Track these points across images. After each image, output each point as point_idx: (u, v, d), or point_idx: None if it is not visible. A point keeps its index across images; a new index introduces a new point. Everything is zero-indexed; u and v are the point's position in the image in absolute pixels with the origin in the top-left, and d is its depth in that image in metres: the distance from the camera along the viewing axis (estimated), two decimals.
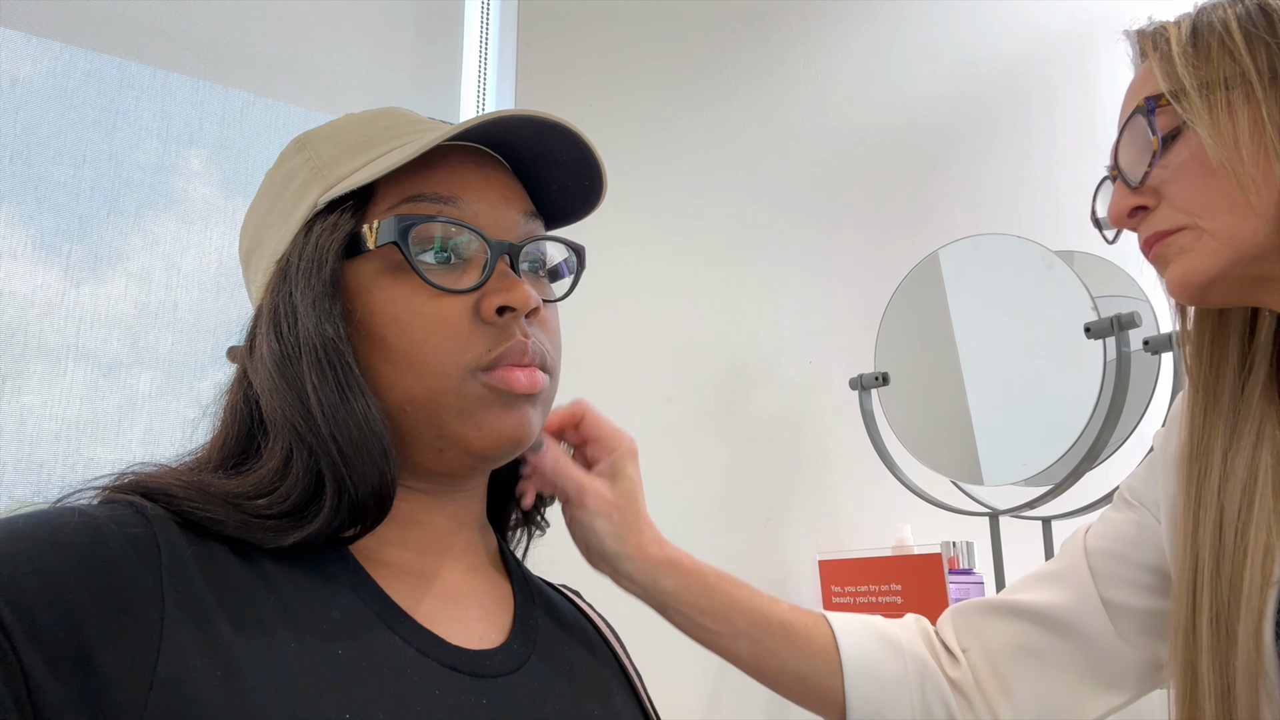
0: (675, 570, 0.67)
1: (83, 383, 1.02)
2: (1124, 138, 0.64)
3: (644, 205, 1.48)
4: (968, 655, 0.74)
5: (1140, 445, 1.32)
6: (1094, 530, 0.76)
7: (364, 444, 0.47)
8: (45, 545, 0.40)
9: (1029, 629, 0.73)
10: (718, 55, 1.64)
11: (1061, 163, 2.18)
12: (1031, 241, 1.39)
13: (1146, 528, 0.72)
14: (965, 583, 1.34)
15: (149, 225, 1.09)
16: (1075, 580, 0.73)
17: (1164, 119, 0.61)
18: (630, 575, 0.66)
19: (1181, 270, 0.61)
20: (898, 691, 0.71)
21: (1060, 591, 0.73)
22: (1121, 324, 1.22)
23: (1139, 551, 0.72)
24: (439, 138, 0.49)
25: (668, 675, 0.98)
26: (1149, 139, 0.62)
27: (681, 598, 0.67)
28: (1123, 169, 0.64)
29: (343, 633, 0.46)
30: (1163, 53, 0.62)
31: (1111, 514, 0.76)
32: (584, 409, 0.66)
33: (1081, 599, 0.72)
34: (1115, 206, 0.65)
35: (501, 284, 0.51)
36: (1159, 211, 0.62)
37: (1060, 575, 0.75)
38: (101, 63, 1.09)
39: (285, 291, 0.50)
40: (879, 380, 1.50)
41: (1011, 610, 0.75)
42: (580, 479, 0.64)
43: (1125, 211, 0.64)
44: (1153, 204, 0.63)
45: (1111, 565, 0.72)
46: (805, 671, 0.71)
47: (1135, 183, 0.63)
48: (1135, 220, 0.64)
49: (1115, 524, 0.75)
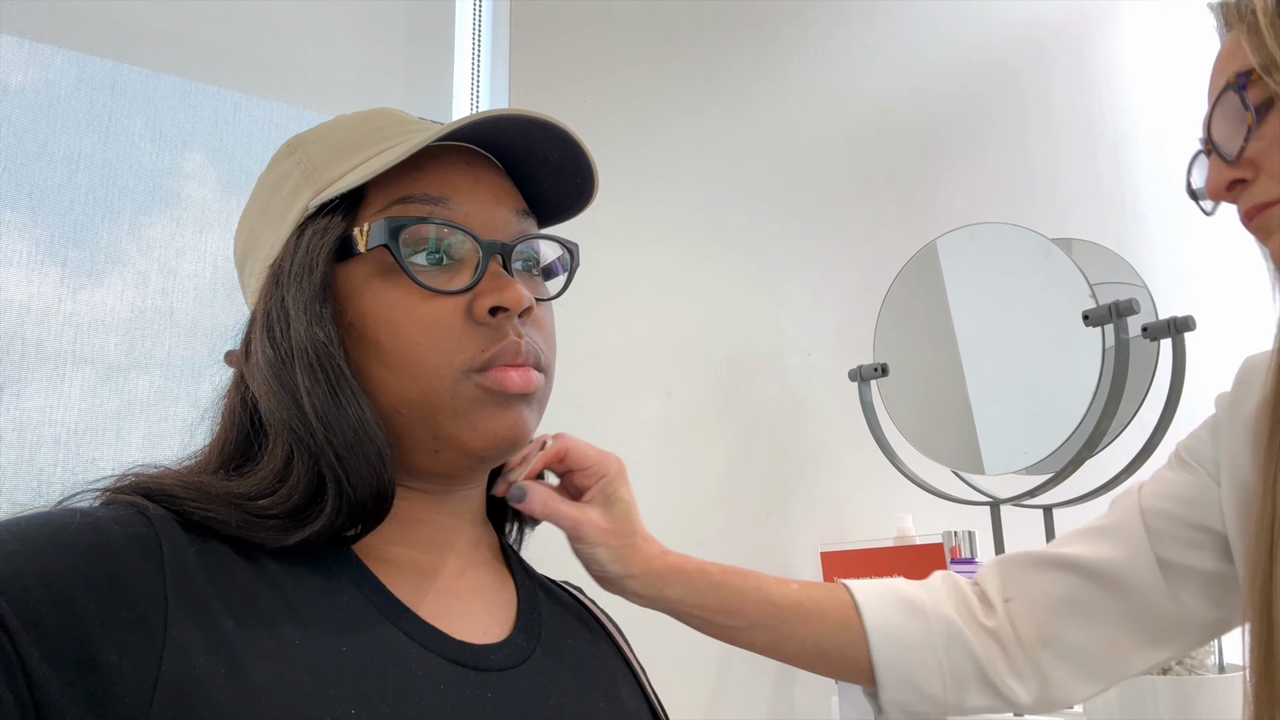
0: (679, 577, 0.68)
1: (81, 388, 1.02)
2: (1216, 112, 0.64)
3: (641, 201, 1.48)
4: (1009, 605, 0.74)
5: (1140, 432, 1.32)
6: (1148, 489, 0.75)
7: (359, 447, 0.47)
8: (48, 546, 0.40)
9: (1077, 581, 0.73)
10: (711, 49, 1.63)
11: (1058, 150, 2.18)
12: (1029, 229, 1.38)
13: (1205, 489, 0.72)
14: (968, 572, 1.33)
15: (144, 229, 1.09)
16: (1129, 536, 0.73)
17: (1256, 91, 0.61)
18: (637, 592, 0.67)
19: None
20: (924, 656, 0.71)
21: (1112, 546, 0.73)
22: (1120, 311, 1.22)
23: (1196, 512, 0.72)
24: (427, 139, 0.49)
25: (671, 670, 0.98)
26: (1242, 113, 0.62)
27: (690, 601, 0.68)
28: (1218, 143, 0.65)
29: (347, 629, 0.46)
30: (1250, 24, 0.62)
31: (1167, 474, 0.76)
32: (565, 446, 0.65)
33: (1135, 555, 0.72)
34: (1213, 181, 0.65)
35: (494, 284, 0.51)
36: (1258, 183, 0.63)
37: (1113, 531, 0.74)
38: (92, 66, 1.09)
39: (278, 296, 0.50)
40: (878, 371, 1.50)
41: (1060, 562, 0.74)
42: (574, 515, 0.64)
43: (1224, 186, 0.65)
44: (1250, 177, 0.63)
45: (1167, 524, 0.72)
46: (825, 647, 0.72)
47: (1231, 157, 0.63)
48: (1234, 193, 0.65)
49: (1172, 484, 0.74)
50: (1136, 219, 2.29)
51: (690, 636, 0.72)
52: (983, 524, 1.41)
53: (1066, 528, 0.81)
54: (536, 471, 0.64)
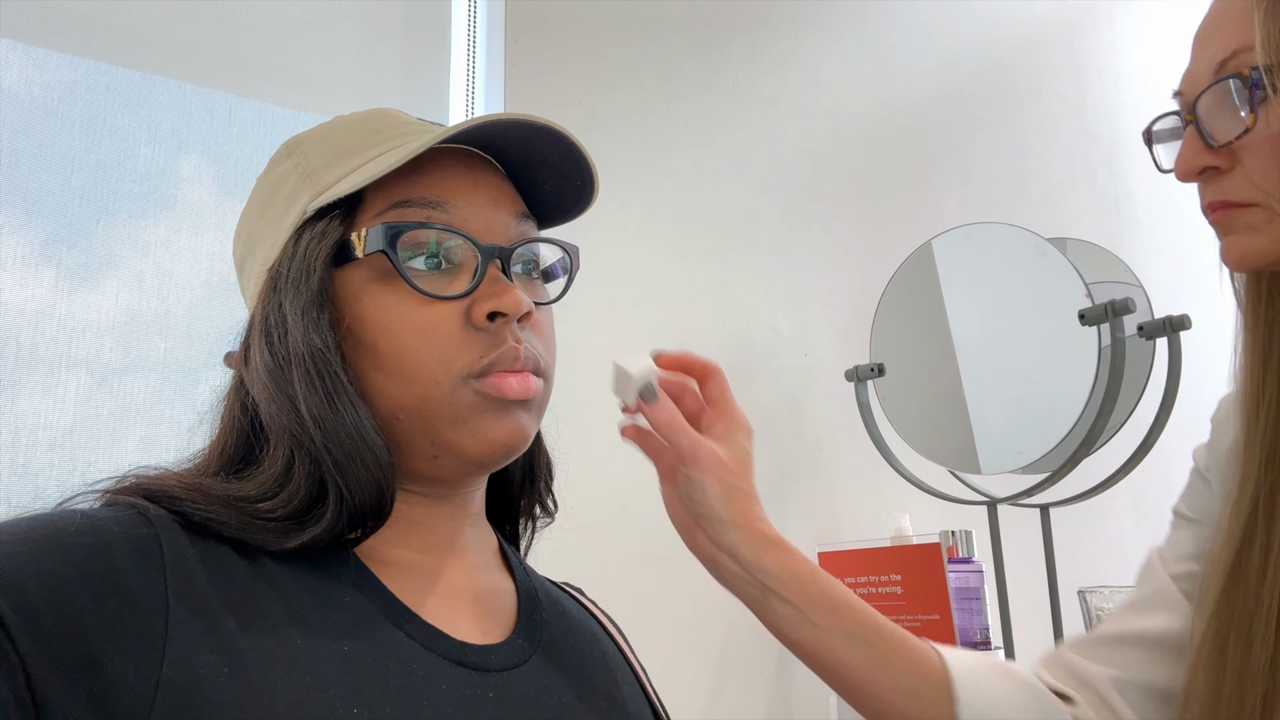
0: (783, 551, 0.60)
1: (77, 390, 1.02)
2: (1210, 92, 0.59)
3: (636, 202, 1.48)
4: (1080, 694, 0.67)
5: (1136, 432, 1.32)
6: (1166, 555, 0.70)
7: (357, 453, 0.47)
8: (48, 547, 0.40)
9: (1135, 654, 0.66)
10: (706, 50, 1.63)
11: (1053, 150, 2.18)
12: (1024, 229, 1.39)
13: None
14: (965, 571, 1.34)
15: (139, 231, 1.09)
16: (1170, 603, 0.67)
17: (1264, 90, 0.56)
18: (733, 547, 0.59)
19: (1244, 247, 0.59)
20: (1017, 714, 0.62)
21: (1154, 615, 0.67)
22: (1115, 310, 1.22)
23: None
24: (426, 143, 0.49)
25: (671, 671, 0.98)
26: (1240, 105, 0.57)
27: (787, 582, 0.59)
28: (1202, 119, 0.59)
29: (348, 629, 0.46)
30: (1268, 9, 0.56)
31: (1177, 535, 0.71)
32: (718, 371, 0.61)
33: (1177, 614, 0.66)
34: (1186, 160, 0.61)
35: (492, 289, 0.51)
36: (1232, 178, 0.59)
37: (1153, 601, 0.68)
38: (87, 69, 1.08)
39: (275, 302, 0.50)
40: (875, 371, 1.50)
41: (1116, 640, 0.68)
42: (696, 436, 0.59)
43: (1197, 169, 0.60)
44: (1226, 167, 0.59)
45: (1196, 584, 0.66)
46: (920, 689, 0.60)
47: (1218, 144, 0.59)
48: (1204, 178, 0.61)
49: (1181, 542, 0.70)
50: (1131, 219, 2.29)
51: (690, 636, 0.71)
52: (980, 523, 1.42)
53: (1064, 527, 0.81)
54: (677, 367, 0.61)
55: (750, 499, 0.60)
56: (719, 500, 0.59)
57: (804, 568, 0.60)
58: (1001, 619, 1.34)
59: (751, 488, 0.61)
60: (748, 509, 0.60)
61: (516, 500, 0.64)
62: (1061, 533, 1.46)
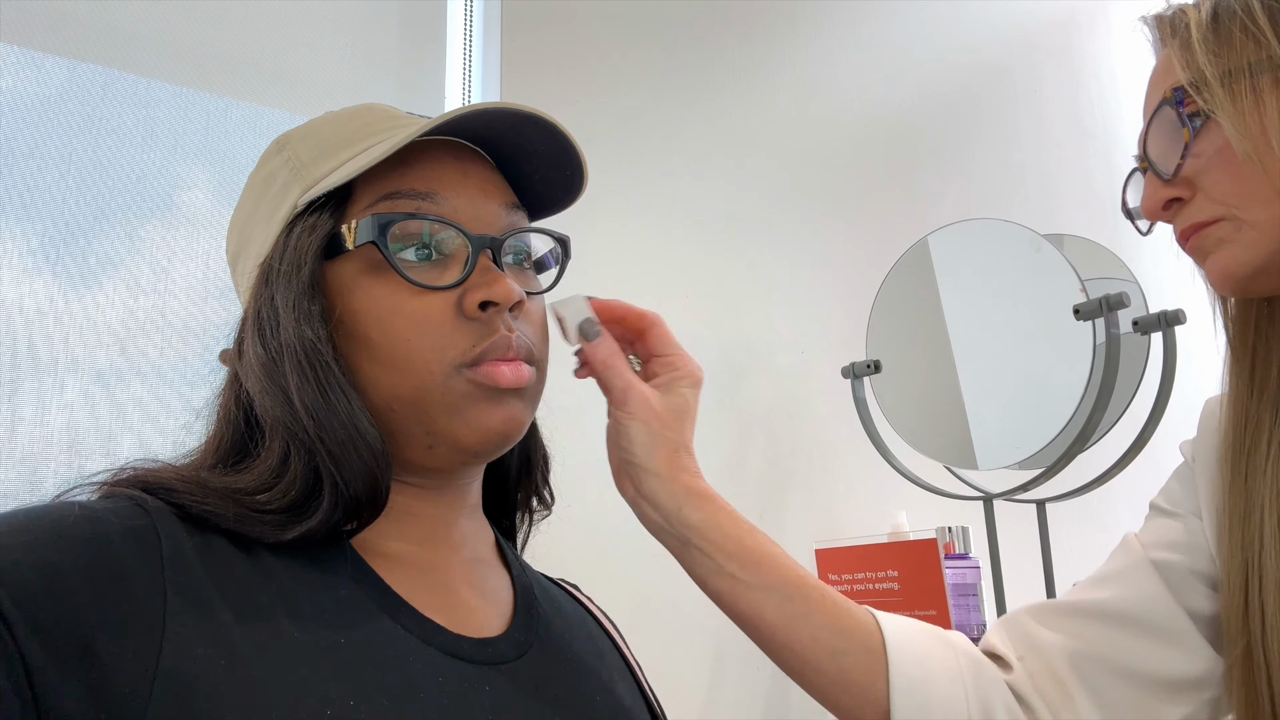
0: (707, 504, 0.59)
1: (73, 391, 1.02)
2: (1152, 129, 0.62)
3: (632, 198, 1.48)
4: (1024, 662, 0.66)
5: (1132, 426, 1.32)
6: (1145, 538, 0.70)
7: (351, 444, 0.48)
8: (46, 538, 0.41)
9: (1096, 627, 0.66)
10: (703, 46, 1.64)
11: (1048, 147, 2.18)
12: (1020, 225, 1.39)
13: (1194, 531, 0.68)
14: (962, 567, 1.34)
15: (136, 232, 1.09)
16: (1139, 578, 0.67)
17: (1193, 107, 0.59)
18: (654, 496, 0.59)
19: (1223, 262, 0.60)
20: (951, 689, 0.60)
21: (1124, 588, 0.67)
22: (1110, 305, 1.22)
23: (1193, 556, 0.67)
24: (413, 134, 0.49)
25: (667, 668, 0.98)
26: (1179, 130, 0.59)
27: (707, 534, 0.58)
28: (1154, 161, 0.62)
29: (345, 621, 0.46)
30: (1183, 40, 0.59)
31: (1155, 522, 0.71)
32: (656, 320, 0.62)
33: (1150, 594, 0.66)
34: (1149, 200, 0.63)
35: (483, 279, 0.51)
36: (1195, 203, 0.60)
37: (1120, 575, 0.68)
38: (83, 71, 1.09)
39: (267, 295, 0.50)
40: (871, 368, 1.50)
41: (1076, 610, 0.67)
42: (630, 379, 0.59)
43: (1159, 205, 0.62)
44: (1187, 195, 0.61)
45: (1176, 571, 0.67)
46: (841, 646, 0.59)
47: (1168, 175, 0.61)
48: (1170, 213, 0.62)
49: (1164, 529, 0.69)
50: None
51: (688, 635, 0.71)
52: (976, 519, 1.42)
53: (1060, 522, 0.81)
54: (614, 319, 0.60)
55: (677, 449, 0.60)
56: (642, 447, 0.59)
57: (728, 521, 0.60)
58: (998, 614, 1.34)
59: (683, 438, 0.60)
60: (673, 459, 0.59)
61: (513, 493, 0.64)
62: (1057, 528, 1.46)
